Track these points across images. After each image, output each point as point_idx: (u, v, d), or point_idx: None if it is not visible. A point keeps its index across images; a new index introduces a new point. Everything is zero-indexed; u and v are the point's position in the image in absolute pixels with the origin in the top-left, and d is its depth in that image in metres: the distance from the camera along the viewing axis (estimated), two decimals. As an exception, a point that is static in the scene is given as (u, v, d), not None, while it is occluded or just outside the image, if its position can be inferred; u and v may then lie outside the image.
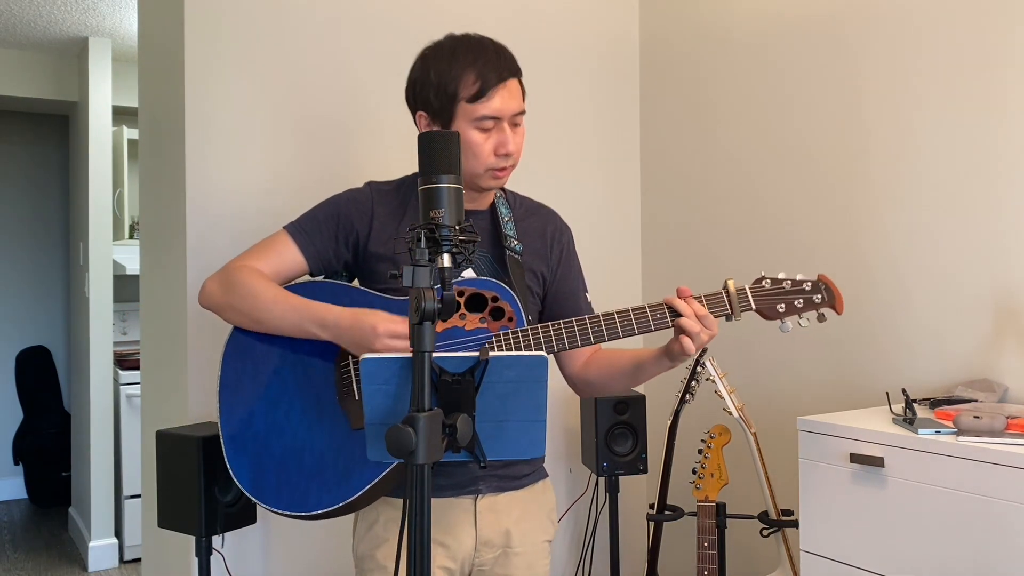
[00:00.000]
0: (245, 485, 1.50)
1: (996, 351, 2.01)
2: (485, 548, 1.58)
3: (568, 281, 1.71)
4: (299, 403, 1.51)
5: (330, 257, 1.60)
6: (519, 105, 1.55)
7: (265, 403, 1.52)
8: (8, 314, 5.61)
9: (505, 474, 1.60)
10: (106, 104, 4.34)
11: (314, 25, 2.36)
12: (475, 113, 1.50)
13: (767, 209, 2.54)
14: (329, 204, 1.63)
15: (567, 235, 1.74)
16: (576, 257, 1.75)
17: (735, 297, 1.50)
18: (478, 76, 1.50)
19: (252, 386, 1.54)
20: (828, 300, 1.52)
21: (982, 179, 2.04)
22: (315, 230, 1.60)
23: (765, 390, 2.54)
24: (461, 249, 1.15)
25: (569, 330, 1.48)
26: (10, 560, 4.39)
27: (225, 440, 1.53)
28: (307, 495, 1.46)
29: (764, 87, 2.56)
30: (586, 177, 2.86)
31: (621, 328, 1.48)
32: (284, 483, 1.48)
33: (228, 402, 1.54)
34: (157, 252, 2.46)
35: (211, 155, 2.22)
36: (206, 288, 1.59)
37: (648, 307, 1.49)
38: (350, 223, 1.59)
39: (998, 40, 2.00)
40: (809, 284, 1.52)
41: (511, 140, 1.53)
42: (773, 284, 1.52)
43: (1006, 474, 1.55)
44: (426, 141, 1.19)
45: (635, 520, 2.87)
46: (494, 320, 1.49)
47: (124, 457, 4.27)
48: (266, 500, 1.49)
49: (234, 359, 1.56)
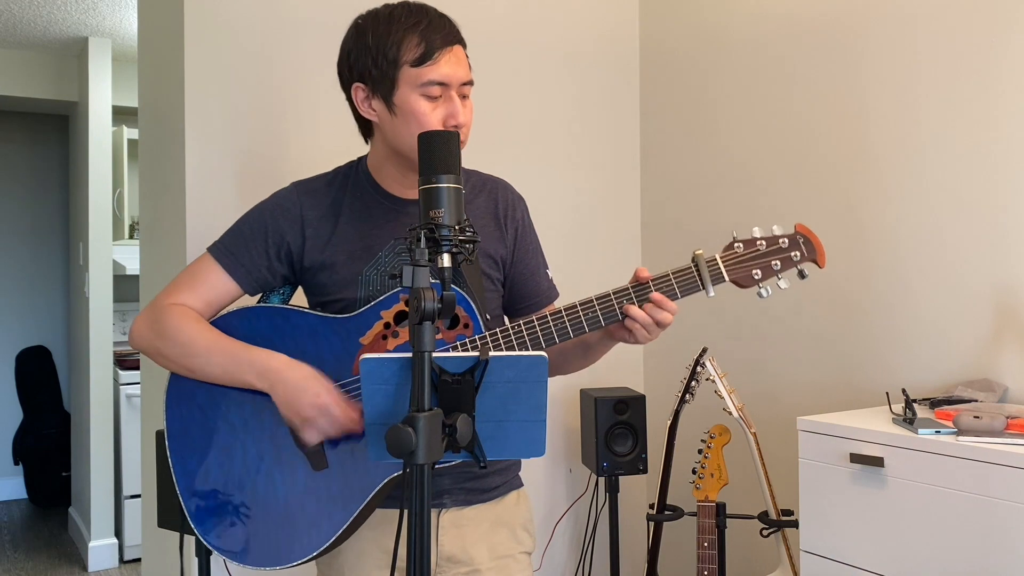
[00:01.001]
0: (214, 544, 1.39)
1: (996, 351, 2.01)
2: (448, 564, 1.48)
3: (527, 260, 1.58)
4: (254, 448, 1.40)
5: (263, 274, 1.47)
6: (467, 74, 1.41)
7: (218, 452, 1.41)
8: (8, 314, 5.61)
9: (474, 487, 1.51)
10: (106, 104, 4.34)
11: (314, 25, 2.36)
12: (421, 78, 1.36)
13: (767, 209, 2.54)
14: (253, 217, 1.49)
15: (520, 207, 1.59)
16: (533, 230, 1.61)
17: (705, 270, 1.39)
18: (422, 38, 1.36)
19: (201, 434, 1.41)
20: (808, 255, 1.41)
21: (983, 179, 2.04)
22: (241, 248, 1.46)
23: (765, 390, 2.54)
24: (461, 249, 1.14)
25: (531, 332, 1.37)
26: (10, 560, 4.39)
27: (183, 494, 1.41)
28: (278, 548, 1.37)
29: (764, 86, 2.56)
30: (586, 177, 2.86)
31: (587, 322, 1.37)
32: (253, 537, 1.38)
33: (179, 453, 1.42)
34: (157, 252, 2.46)
35: (211, 155, 2.22)
36: (134, 331, 1.46)
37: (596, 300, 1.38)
38: (280, 235, 1.46)
39: (999, 40, 2.00)
40: (786, 240, 1.41)
41: (460, 110, 1.39)
42: (747, 247, 1.41)
43: (1006, 474, 1.55)
44: (426, 141, 1.18)
45: (635, 520, 2.87)
46: (448, 329, 1.38)
47: (124, 457, 4.27)
48: (235, 557, 1.38)
49: (178, 405, 1.43)
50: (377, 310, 1.40)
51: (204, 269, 1.47)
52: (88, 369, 4.26)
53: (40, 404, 5.42)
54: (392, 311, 1.39)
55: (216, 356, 1.39)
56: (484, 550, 1.51)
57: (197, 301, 1.45)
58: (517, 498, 1.59)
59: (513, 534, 1.56)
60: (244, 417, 1.41)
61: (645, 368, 2.95)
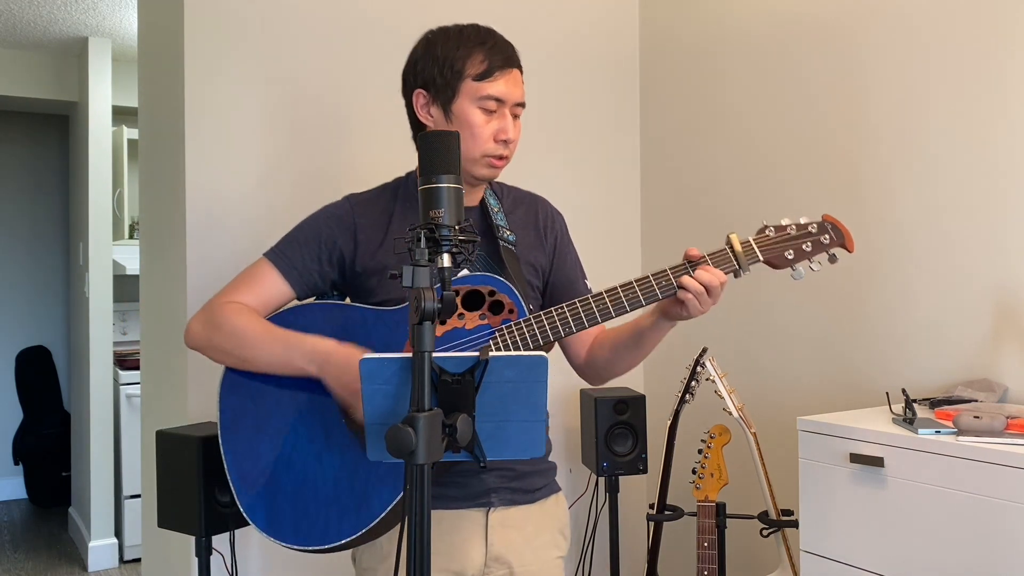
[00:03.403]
0: (261, 525, 1.43)
1: (996, 351, 2.01)
2: (494, 564, 1.52)
3: (565, 269, 1.66)
4: (305, 432, 1.45)
5: (315, 279, 1.55)
6: (521, 95, 1.52)
7: (270, 438, 1.46)
8: (8, 314, 5.61)
9: (518, 487, 1.55)
10: (106, 104, 4.34)
11: (314, 25, 2.36)
12: (480, 92, 1.47)
13: (767, 209, 2.54)
14: (308, 224, 1.58)
15: (559, 221, 1.69)
16: (571, 243, 1.70)
17: (740, 251, 1.45)
18: (486, 56, 1.48)
19: (254, 423, 1.48)
20: (837, 239, 1.47)
21: (983, 179, 2.04)
22: (296, 253, 1.54)
23: (765, 390, 2.54)
24: (461, 249, 1.14)
25: (573, 312, 1.43)
26: (10, 560, 4.39)
27: (233, 480, 1.46)
28: (327, 526, 1.40)
29: (765, 86, 2.56)
30: (586, 177, 2.86)
31: (628, 301, 1.43)
32: (301, 517, 1.42)
33: (231, 442, 1.48)
34: (157, 252, 2.46)
35: (211, 155, 2.22)
36: (190, 329, 1.53)
37: (653, 276, 1.43)
38: (332, 242, 1.54)
39: (1001, 41, 2.00)
40: (815, 226, 1.47)
41: (511, 127, 1.50)
42: (777, 232, 1.46)
43: (1006, 474, 1.55)
44: (426, 141, 1.19)
45: (635, 520, 2.87)
46: (494, 315, 1.44)
47: (124, 457, 4.27)
48: (285, 538, 1.42)
49: (231, 398, 1.50)
50: None
51: (259, 272, 1.55)
52: (88, 369, 4.26)
53: (40, 404, 5.42)
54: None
55: (268, 345, 1.45)
56: (528, 552, 1.55)
57: (251, 300, 1.52)
58: (557, 501, 1.65)
59: (553, 539, 1.61)
60: (295, 404, 1.46)
61: (645, 368, 2.95)
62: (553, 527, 1.61)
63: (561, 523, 1.64)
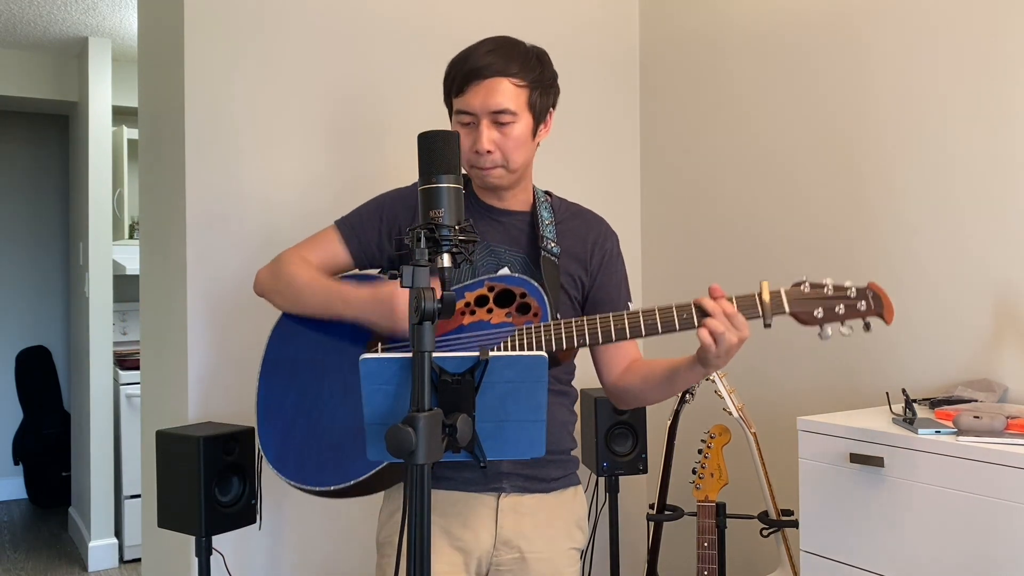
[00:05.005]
0: (270, 456, 1.56)
1: (996, 351, 2.01)
2: (504, 548, 1.56)
3: (608, 288, 1.67)
4: (329, 385, 1.57)
5: (373, 251, 1.65)
6: (498, 103, 1.52)
7: (300, 383, 1.59)
8: (8, 314, 5.61)
9: (532, 474, 1.58)
10: (106, 104, 4.34)
11: (314, 25, 2.36)
12: (455, 107, 1.56)
13: (767, 210, 2.54)
14: (375, 200, 1.69)
15: (611, 241, 1.71)
16: (622, 264, 1.71)
17: (768, 299, 1.43)
18: (459, 72, 1.54)
19: (290, 368, 1.61)
20: (875, 308, 1.43)
21: (985, 179, 2.04)
22: (359, 224, 1.66)
23: (765, 390, 2.54)
24: (461, 249, 1.15)
25: (592, 326, 1.45)
26: (10, 560, 4.39)
27: (259, 412, 1.60)
28: (324, 470, 1.50)
29: (765, 85, 2.56)
30: (586, 178, 2.86)
31: (645, 326, 1.44)
32: (306, 457, 1.52)
33: (267, 379, 1.63)
34: (157, 252, 2.46)
35: (211, 155, 2.22)
36: (258, 276, 1.69)
37: (675, 306, 1.44)
38: (394, 217, 1.63)
39: (1003, 41, 2.00)
40: (854, 291, 1.43)
41: (482, 137, 1.52)
42: (813, 289, 1.44)
43: (1006, 474, 1.55)
44: (426, 141, 1.19)
45: (635, 520, 2.87)
46: (520, 315, 1.49)
47: (124, 457, 4.27)
48: (287, 473, 1.53)
49: (277, 343, 1.65)
50: (463, 291, 1.55)
51: (325, 236, 1.68)
52: (88, 369, 4.26)
53: (40, 404, 5.42)
54: (475, 294, 1.54)
55: (315, 291, 1.59)
56: (538, 541, 1.57)
57: (314, 259, 1.65)
58: (574, 494, 1.66)
59: (567, 529, 1.63)
60: (331, 359, 1.58)
61: (645, 368, 2.94)
62: (568, 518, 1.63)
63: (577, 516, 1.66)
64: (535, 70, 1.59)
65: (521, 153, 1.57)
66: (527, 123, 1.57)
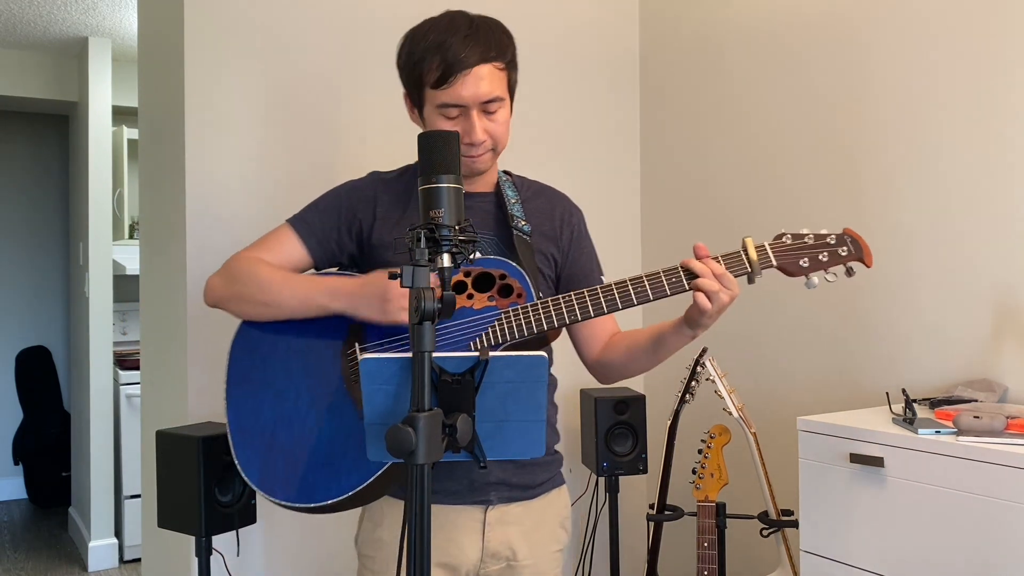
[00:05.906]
0: (254, 479, 1.45)
1: (996, 351, 2.01)
2: (491, 560, 1.54)
3: (581, 262, 1.65)
4: (307, 394, 1.47)
5: (333, 248, 1.58)
6: (488, 91, 1.47)
7: (273, 395, 1.49)
8: (8, 314, 5.61)
9: (518, 483, 1.56)
10: (106, 104, 4.34)
11: (313, 25, 2.36)
12: (437, 100, 1.46)
13: (767, 210, 2.54)
14: (331, 194, 1.61)
15: (577, 216, 1.68)
16: (589, 238, 1.69)
17: (754, 255, 1.42)
18: (441, 61, 1.44)
19: (260, 379, 1.50)
20: (855, 253, 1.44)
21: (984, 179, 2.04)
22: (316, 220, 1.57)
23: (765, 390, 2.54)
24: (461, 249, 1.14)
25: (581, 301, 1.42)
26: (10, 560, 4.39)
27: (233, 434, 1.48)
28: (315, 486, 1.41)
29: (765, 86, 2.56)
30: (586, 177, 2.86)
31: (635, 295, 1.41)
32: (293, 475, 1.43)
33: (236, 397, 1.51)
34: (157, 252, 2.46)
35: (211, 155, 2.22)
36: (209, 284, 1.57)
37: (663, 271, 1.41)
38: (352, 212, 1.56)
39: (1002, 43, 2.00)
40: (833, 237, 1.44)
41: (476, 128, 1.47)
42: (794, 239, 1.44)
43: (1006, 474, 1.55)
44: (425, 141, 1.19)
45: (635, 520, 2.87)
46: (503, 297, 1.45)
47: (124, 457, 4.27)
48: (275, 494, 1.43)
49: (241, 355, 1.53)
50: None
51: (280, 235, 1.58)
52: (88, 369, 4.26)
53: (40, 404, 5.42)
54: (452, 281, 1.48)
55: (290, 286, 1.49)
56: (525, 548, 1.56)
57: (271, 260, 1.55)
58: (559, 494, 1.65)
59: (553, 532, 1.62)
60: (304, 365, 1.49)
61: (645, 368, 2.94)
62: (553, 521, 1.62)
63: (562, 516, 1.65)
64: (508, 48, 1.53)
65: (507, 134, 1.54)
66: (508, 103, 1.54)
